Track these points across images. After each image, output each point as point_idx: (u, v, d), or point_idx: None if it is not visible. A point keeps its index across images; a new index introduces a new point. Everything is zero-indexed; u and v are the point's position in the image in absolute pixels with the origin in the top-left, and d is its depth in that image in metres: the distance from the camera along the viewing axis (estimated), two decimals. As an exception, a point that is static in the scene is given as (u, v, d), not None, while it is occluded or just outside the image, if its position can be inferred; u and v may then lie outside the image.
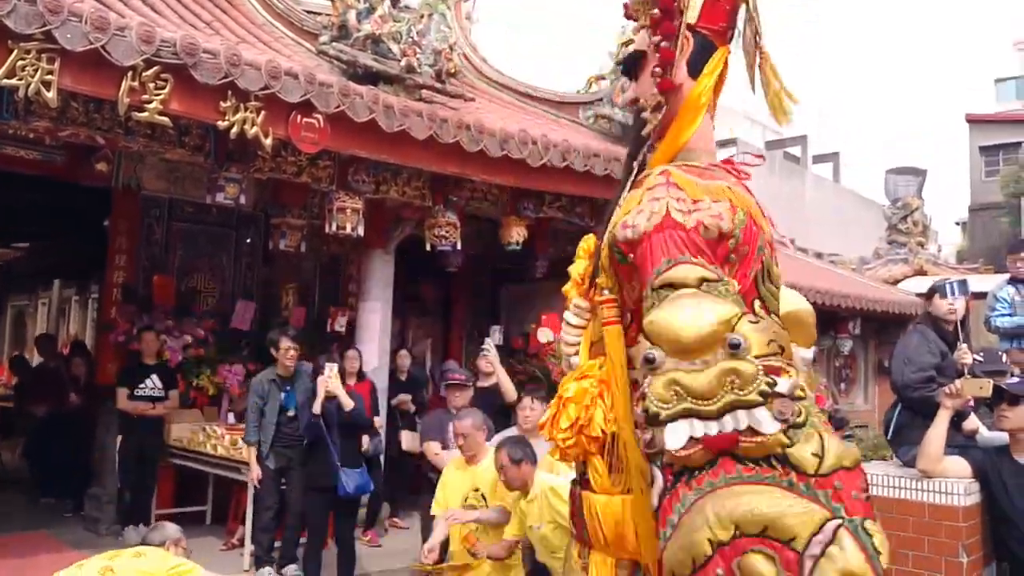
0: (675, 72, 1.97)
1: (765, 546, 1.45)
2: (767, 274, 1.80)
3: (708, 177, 1.85)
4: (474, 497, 4.78)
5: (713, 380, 1.52)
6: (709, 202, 1.75)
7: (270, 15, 7.50)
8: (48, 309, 15.56)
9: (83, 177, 7.37)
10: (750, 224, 1.79)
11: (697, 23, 1.97)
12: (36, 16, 4.56)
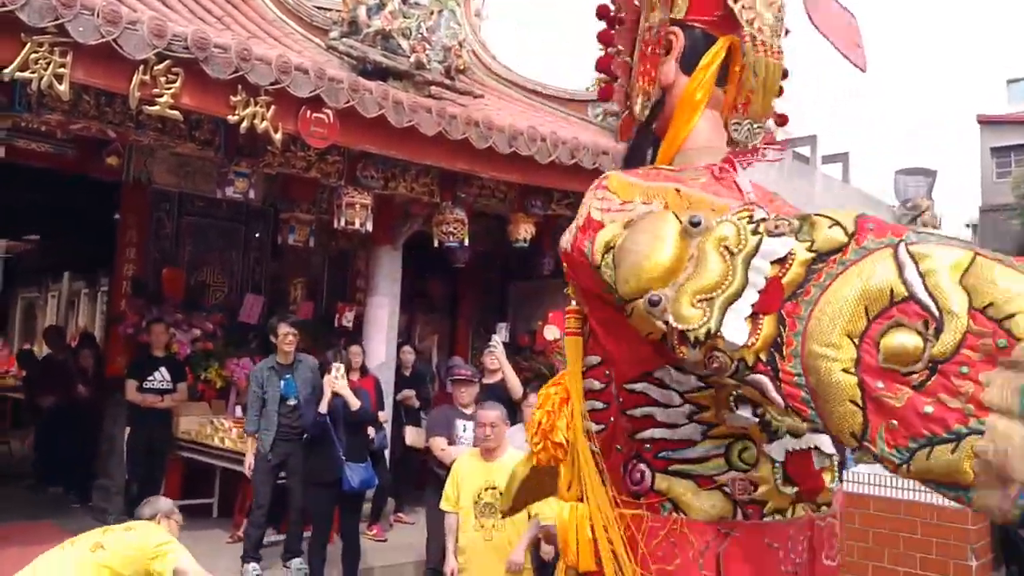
0: (665, 72, 1.88)
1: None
2: None
3: (660, 178, 1.74)
4: (490, 495, 4.59)
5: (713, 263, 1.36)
6: (638, 203, 1.65)
7: (280, 11, 7.53)
8: (58, 302, 15.64)
9: (94, 171, 7.42)
10: None
11: (687, 17, 1.86)
12: (49, 9, 4.60)
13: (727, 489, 1.61)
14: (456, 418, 5.82)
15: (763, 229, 1.34)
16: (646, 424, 1.65)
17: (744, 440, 1.61)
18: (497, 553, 4.47)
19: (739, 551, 1.58)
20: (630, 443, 1.67)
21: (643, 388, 1.64)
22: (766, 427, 1.60)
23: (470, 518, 4.57)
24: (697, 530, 1.59)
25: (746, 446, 1.61)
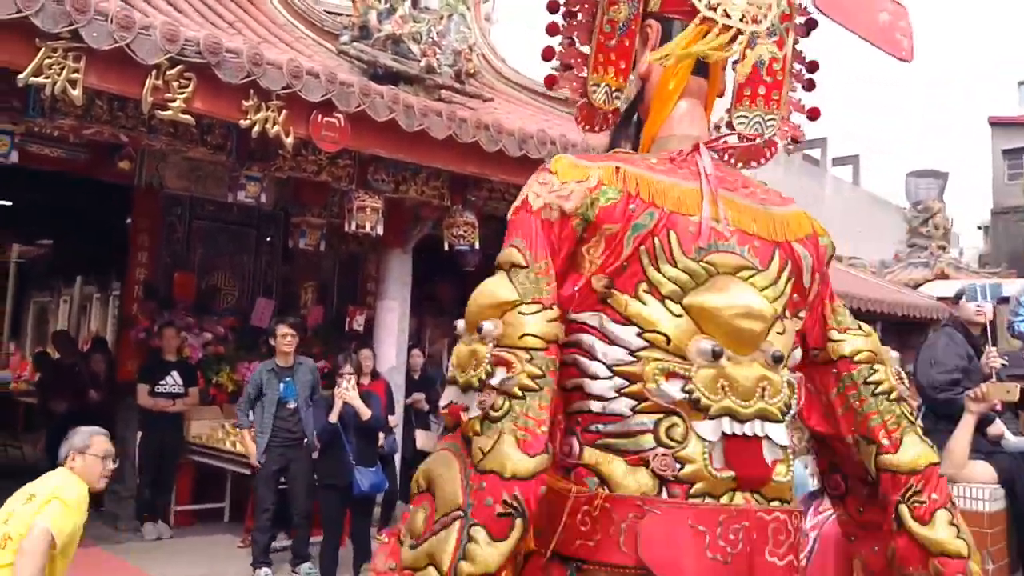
0: (642, 62, 1.90)
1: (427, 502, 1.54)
2: (666, 258, 1.66)
3: (610, 159, 1.77)
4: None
5: (463, 356, 1.58)
6: (572, 183, 1.69)
7: (291, 15, 7.55)
8: (70, 306, 15.71)
9: (106, 175, 7.46)
10: (623, 203, 1.66)
11: (662, 9, 1.87)
12: (63, 15, 4.62)
13: (656, 466, 1.59)
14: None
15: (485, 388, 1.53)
16: (576, 396, 1.66)
17: (673, 416, 1.60)
18: None
19: (659, 530, 1.55)
20: (567, 418, 1.67)
21: (573, 359, 1.66)
22: (695, 404, 1.60)
23: None
24: (619, 506, 1.58)
25: (674, 423, 1.60)
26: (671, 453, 1.59)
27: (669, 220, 1.68)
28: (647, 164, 1.77)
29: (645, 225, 1.66)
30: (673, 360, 1.61)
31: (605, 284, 1.66)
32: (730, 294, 1.67)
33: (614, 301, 1.65)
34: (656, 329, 1.63)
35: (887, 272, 18.05)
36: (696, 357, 1.63)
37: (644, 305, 1.64)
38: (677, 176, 1.75)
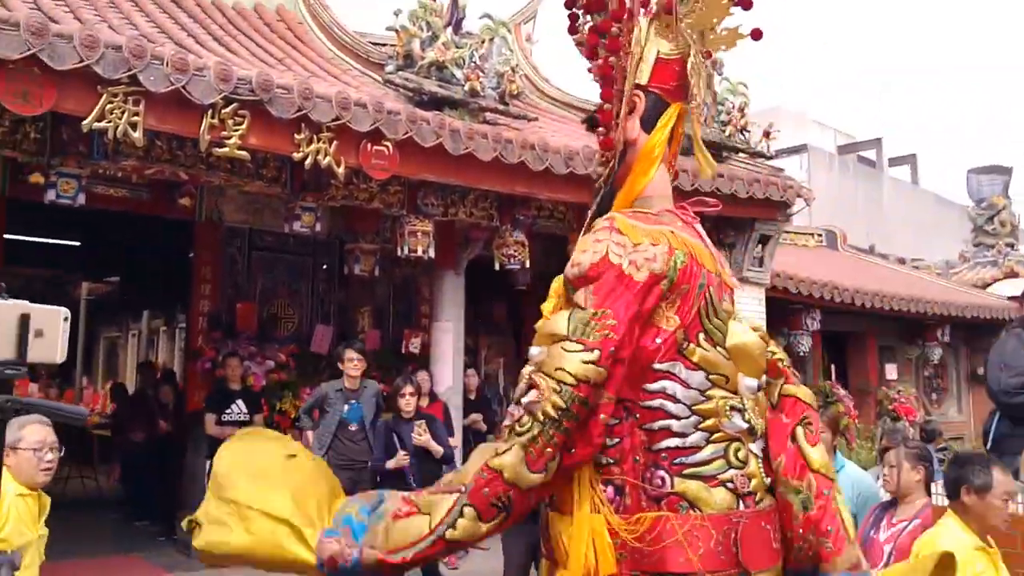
0: (629, 128, 2.14)
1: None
2: (712, 310, 1.99)
3: (653, 222, 2.03)
4: None
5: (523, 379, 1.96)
6: (647, 245, 1.94)
7: (338, 48, 7.75)
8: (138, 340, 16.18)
9: (168, 212, 7.72)
10: (690, 264, 1.96)
11: (649, 83, 2.13)
12: (122, 62, 4.84)
13: (729, 485, 1.92)
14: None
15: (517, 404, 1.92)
16: (662, 435, 1.92)
17: (736, 442, 1.95)
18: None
19: (748, 535, 1.91)
20: (647, 454, 1.92)
21: (659, 404, 1.93)
22: (751, 431, 1.97)
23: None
24: (713, 522, 1.88)
25: (739, 447, 1.95)
26: (743, 472, 1.94)
27: (710, 278, 2.01)
28: (676, 225, 2.07)
29: (703, 284, 1.99)
30: (733, 396, 1.96)
31: (682, 336, 1.94)
32: (746, 333, 2.04)
33: (686, 351, 1.95)
34: (719, 371, 1.96)
35: (953, 273, 17.58)
36: (745, 392, 1.99)
37: (707, 352, 1.96)
38: (689, 234, 2.06)
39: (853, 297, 11.62)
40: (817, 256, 15.14)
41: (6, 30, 4.47)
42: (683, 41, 2.11)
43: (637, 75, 2.14)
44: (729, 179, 8.40)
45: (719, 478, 1.92)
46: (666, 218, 2.09)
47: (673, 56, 2.12)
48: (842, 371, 13.22)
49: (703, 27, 2.13)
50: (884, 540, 3.81)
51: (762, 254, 9.61)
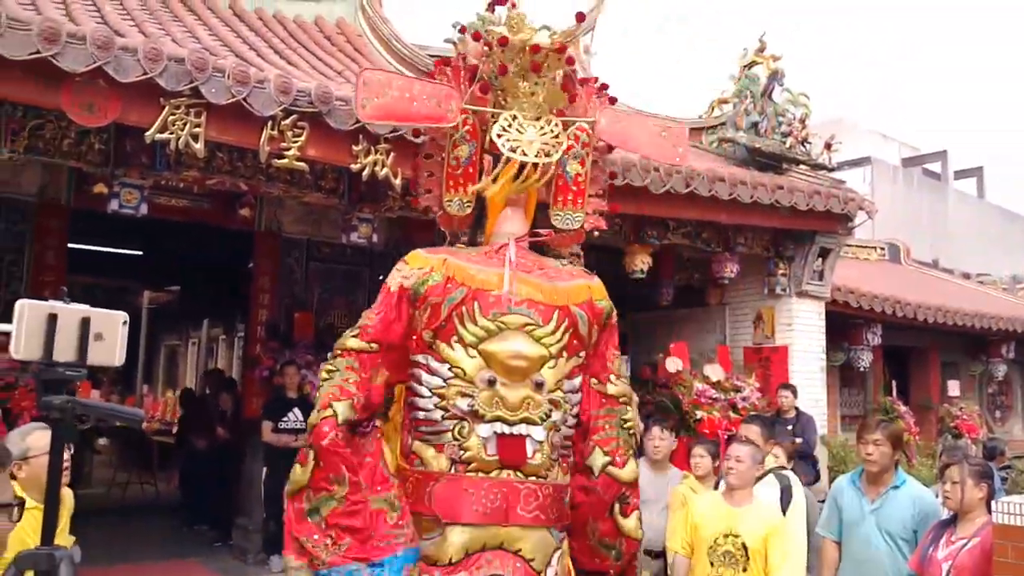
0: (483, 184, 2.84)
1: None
2: (466, 318, 2.63)
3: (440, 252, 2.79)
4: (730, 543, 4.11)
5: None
6: (414, 269, 2.73)
7: (396, 61, 7.81)
8: (198, 348, 16.48)
9: (228, 222, 7.84)
10: (445, 283, 2.66)
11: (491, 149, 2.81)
12: (184, 74, 4.92)
13: (448, 453, 2.59)
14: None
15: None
16: (411, 409, 2.68)
17: (462, 420, 2.59)
18: None
19: (443, 491, 2.57)
20: (408, 421, 2.71)
21: (410, 386, 2.69)
22: (475, 414, 2.58)
23: (704, 566, 4.17)
24: (427, 477, 2.60)
25: (463, 426, 2.59)
26: (458, 444, 2.58)
27: (475, 295, 2.64)
28: (467, 256, 2.76)
29: (455, 299, 2.63)
30: (467, 386, 2.60)
31: (430, 335, 2.65)
32: (508, 343, 2.60)
33: (436, 348, 2.64)
34: (458, 365, 2.61)
35: (1019, 288, 17.07)
36: (480, 384, 2.59)
37: (453, 351, 2.63)
38: (488, 264, 2.72)
39: (915, 312, 11.33)
40: (879, 270, 14.83)
41: (73, 44, 4.57)
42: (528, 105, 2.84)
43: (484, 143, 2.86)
44: (789, 191, 8.25)
45: (443, 447, 2.61)
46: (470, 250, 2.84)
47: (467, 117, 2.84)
48: (903, 387, 12.91)
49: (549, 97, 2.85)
50: (943, 558, 3.72)
51: (822, 267, 9.40)
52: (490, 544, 2.53)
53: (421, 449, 2.62)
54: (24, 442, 3.06)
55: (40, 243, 7.26)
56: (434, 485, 2.57)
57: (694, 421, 8.08)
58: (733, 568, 4.10)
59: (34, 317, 1.71)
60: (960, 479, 3.72)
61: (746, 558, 4.07)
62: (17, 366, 5.91)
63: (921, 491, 4.26)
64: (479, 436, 2.57)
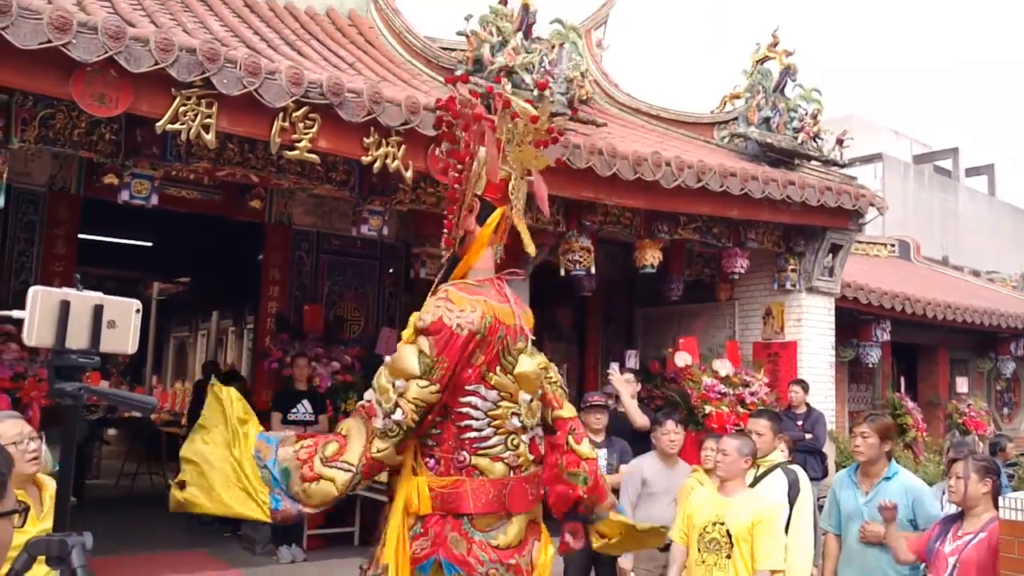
0: (468, 222, 3.22)
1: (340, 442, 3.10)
2: (506, 351, 3.13)
3: (474, 293, 3.13)
4: (717, 530, 4.24)
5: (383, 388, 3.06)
6: (468, 312, 3.05)
7: (408, 53, 7.79)
8: (207, 340, 16.51)
9: (238, 214, 7.85)
10: (494, 323, 3.08)
11: (484, 193, 3.20)
12: (196, 65, 4.91)
13: (506, 461, 3.10)
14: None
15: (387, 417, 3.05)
16: (467, 429, 3.08)
17: (513, 435, 3.12)
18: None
19: (513, 491, 3.11)
20: (457, 440, 3.08)
21: (466, 411, 3.08)
22: (524, 428, 3.15)
23: (694, 552, 4.30)
24: (493, 484, 3.08)
25: (514, 438, 3.13)
26: (514, 453, 3.12)
27: (507, 329, 3.14)
28: (489, 295, 3.17)
29: (502, 335, 3.11)
30: (515, 406, 3.13)
31: (485, 368, 3.09)
32: (526, 365, 3.16)
33: (487, 378, 3.10)
34: (507, 390, 3.12)
35: (1029, 286, 17.00)
36: (522, 403, 3.14)
37: (500, 378, 3.12)
38: (499, 301, 3.18)
39: (925, 309, 11.29)
40: (889, 267, 14.78)
41: (85, 33, 4.56)
42: (508, 168, 3.26)
43: (476, 188, 3.19)
44: (800, 187, 8.21)
45: (500, 457, 3.09)
46: (484, 287, 3.19)
47: (501, 177, 3.22)
48: (912, 383, 12.91)
49: (522, 162, 3.31)
50: (949, 552, 3.75)
51: (832, 263, 9.37)
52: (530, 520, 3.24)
53: (480, 462, 3.07)
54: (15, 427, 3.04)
55: (50, 233, 7.29)
56: (501, 489, 3.08)
57: (702, 416, 8.07)
58: (716, 554, 4.19)
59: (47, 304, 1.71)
60: (964, 474, 3.76)
61: (730, 545, 4.15)
62: (26, 356, 5.94)
63: (912, 480, 4.37)
64: (524, 444, 3.16)
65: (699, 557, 4.26)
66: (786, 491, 4.57)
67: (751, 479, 4.56)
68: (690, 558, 4.34)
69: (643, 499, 5.21)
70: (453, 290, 3.11)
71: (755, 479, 4.61)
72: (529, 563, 3.18)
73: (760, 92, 8.97)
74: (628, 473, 5.41)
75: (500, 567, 3.06)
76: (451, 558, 3.02)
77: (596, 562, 5.67)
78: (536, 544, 3.24)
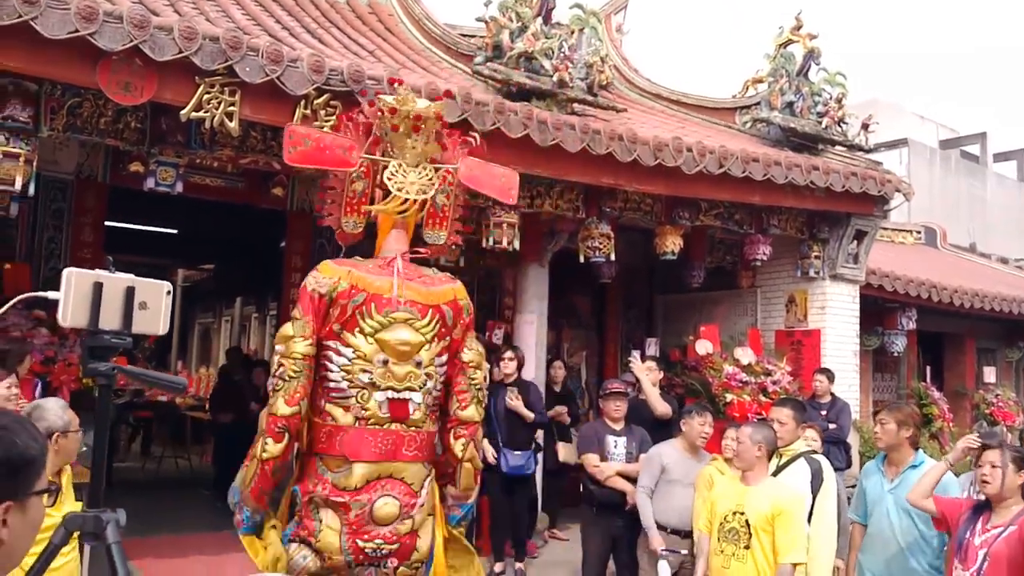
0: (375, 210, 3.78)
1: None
2: (365, 315, 3.50)
3: (344, 264, 3.61)
4: (737, 520, 4.25)
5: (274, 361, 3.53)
6: (324, 277, 3.54)
7: (427, 40, 7.80)
8: (231, 326, 16.68)
9: (261, 201, 7.91)
10: (349, 289, 3.51)
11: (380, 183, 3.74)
12: (219, 53, 4.96)
13: (353, 413, 3.48)
14: (606, 434, 5.79)
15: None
16: (324, 380, 3.51)
17: (364, 389, 3.49)
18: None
19: (350, 438, 3.48)
20: (322, 389, 3.53)
21: (323, 363, 3.51)
22: (373, 384, 3.49)
23: (714, 541, 4.34)
24: (338, 429, 3.50)
25: (363, 392, 3.49)
26: (361, 406, 3.48)
27: (372, 297, 3.53)
28: (366, 268, 3.63)
29: (358, 300, 3.51)
30: (367, 364, 3.49)
31: (338, 327, 3.50)
32: (396, 333, 3.53)
33: (343, 336, 3.50)
34: (360, 350, 3.50)
35: (1059, 273, 16.76)
36: (376, 363, 3.49)
37: (355, 338, 3.51)
38: (382, 274, 3.62)
39: (951, 297, 11.17)
40: (915, 254, 14.64)
41: (110, 22, 4.62)
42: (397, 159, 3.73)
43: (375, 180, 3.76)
44: (824, 172, 8.15)
45: (349, 407, 3.49)
46: (367, 262, 3.70)
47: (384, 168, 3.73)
48: (938, 373, 12.78)
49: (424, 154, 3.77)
50: (979, 544, 3.70)
51: (857, 250, 9.30)
52: (383, 474, 3.50)
53: (332, 409, 3.51)
54: (65, 415, 3.19)
55: (78, 220, 7.39)
56: (343, 435, 3.48)
57: (723, 404, 8.06)
58: (735, 544, 4.20)
59: (81, 285, 1.75)
60: (1002, 464, 3.70)
61: (748, 535, 4.14)
62: (56, 341, 6.04)
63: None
64: (376, 400, 3.49)
65: (718, 547, 4.27)
66: (809, 481, 4.57)
67: (774, 468, 4.56)
68: (710, 547, 4.36)
69: (664, 485, 5.22)
70: (328, 262, 3.64)
71: (777, 468, 4.60)
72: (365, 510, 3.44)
73: (783, 76, 8.89)
74: (647, 459, 5.42)
75: (330, 497, 3.44)
76: (300, 486, 3.56)
77: (615, 548, 5.72)
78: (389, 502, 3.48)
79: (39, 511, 1.40)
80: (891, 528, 4.29)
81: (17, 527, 1.32)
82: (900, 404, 4.62)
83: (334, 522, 3.45)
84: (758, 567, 4.10)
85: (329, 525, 3.45)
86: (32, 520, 1.37)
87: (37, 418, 3.06)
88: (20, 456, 1.33)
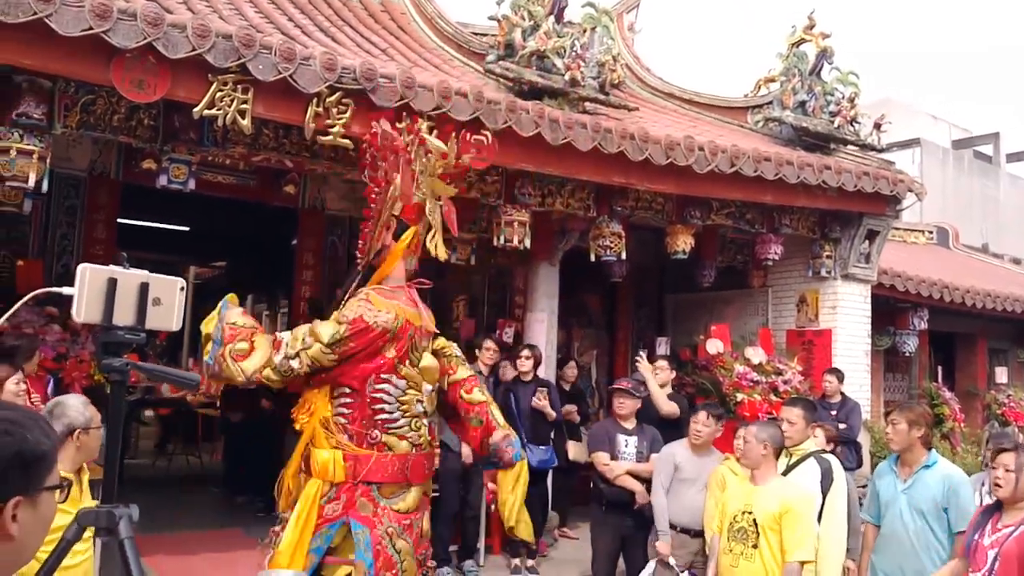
0: (386, 238, 3.92)
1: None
2: (414, 348, 3.80)
3: (390, 297, 3.79)
4: (745, 519, 4.23)
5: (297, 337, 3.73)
6: (384, 313, 3.69)
7: (440, 39, 7.80)
8: (242, 323, 16.66)
9: (273, 199, 7.94)
10: (405, 324, 3.74)
11: (400, 214, 3.90)
12: (232, 51, 4.97)
13: (410, 440, 3.75)
14: (617, 433, 5.78)
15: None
16: (380, 412, 3.70)
17: (417, 418, 3.79)
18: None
19: (414, 465, 3.76)
20: (371, 421, 3.70)
21: (380, 396, 3.71)
22: (425, 413, 3.83)
23: (723, 541, 4.31)
24: (399, 457, 3.72)
25: (418, 421, 3.79)
26: (416, 434, 3.78)
27: (415, 330, 3.80)
28: (398, 299, 3.82)
29: (411, 334, 3.78)
30: (419, 394, 3.81)
31: (397, 361, 3.73)
32: (427, 361, 3.88)
33: (399, 369, 3.73)
34: (414, 380, 3.79)
35: (1072, 274, 16.65)
36: (425, 392, 3.85)
37: (408, 370, 3.78)
38: (407, 304, 3.83)
39: (963, 297, 11.12)
40: (927, 254, 14.58)
41: (124, 20, 4.64)
42: (422, 194, 3.92)
43: (394, 209, 3.88)
44: (836, 171, 8.12)
45: (406, 436, 3.73)
46: (397, 293, 3.85)
47: (416, 201, 3.91)
48: (949, 373, 12.72)
49: (433, 190, 3.99)
50: (989, 545, 3.68)
51: (869, 250, 9.26)
52: (425, 492, 3.93)
53: (388, 439, 3.71)
54: (86, 411, 3.11)
55: (91, 217, 7.43)
56: (407, 462, 3.73)
57: (734, 403, 8.04)
58: (743, 543, 4.18)
59: (96, 281, 1.76)
60: (1017, 467, 3.65)
61: (756, 534, 4.12)
62: (68, 337, 6.07)
63: (951, 469, 4.36)
64: (425, 426, 3.82)
65: (727, 546, 4.26)
66: (819, 480, 4.55)
67: (784, 467, 4.55)
68: (720, 546, 4.35)
69: (675, 484, 5.22)
70: (373, 294, 3.78)
71: (787, 468, 4.59)
72: (420, 526, 3.83)
73: (796, 75, 8.86)
74: (660, 458, 5.42)
75: (398, 527, 3.69)
76: (359, 519, 3.64)
77: (624, 547, 5.71)
78: (426, 514, 3.92)
79: (50, 507, 1.40)
80: (904, 529, 4.27)
81: (28, 523, 1.32)
82: (911, 404, 4.60)
83: (407, 546, 3.73)
84: (766, 566, 4.09)
85: (405, 551, 3.72)
86: (43, 516, 1.37)
87: (58, 415, 3.03)
88: (31, 451, 1.33)
